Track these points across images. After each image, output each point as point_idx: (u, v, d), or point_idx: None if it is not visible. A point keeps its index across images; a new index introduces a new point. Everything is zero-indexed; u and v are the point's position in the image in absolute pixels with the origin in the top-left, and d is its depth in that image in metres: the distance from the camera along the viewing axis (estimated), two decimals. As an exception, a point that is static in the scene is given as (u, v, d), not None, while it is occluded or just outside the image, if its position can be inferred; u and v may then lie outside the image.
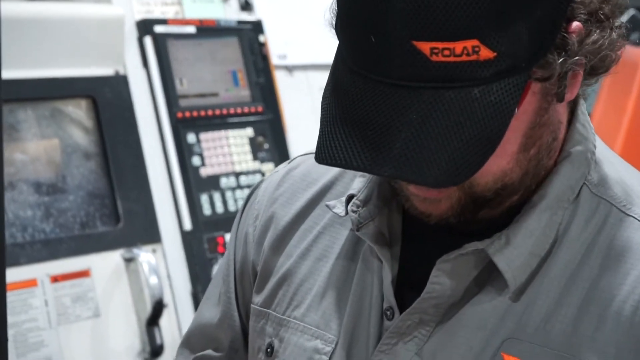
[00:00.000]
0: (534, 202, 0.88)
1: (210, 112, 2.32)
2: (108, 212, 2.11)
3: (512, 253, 0.86)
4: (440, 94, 0.77)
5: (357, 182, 0.96)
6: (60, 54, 2.10)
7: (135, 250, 2.06)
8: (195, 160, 2.26)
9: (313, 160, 1.06)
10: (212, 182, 2.27)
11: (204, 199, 2.24)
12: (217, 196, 2.25)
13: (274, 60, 2.50)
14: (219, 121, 2.33)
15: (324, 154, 0.81)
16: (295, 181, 1.06)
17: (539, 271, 0.87)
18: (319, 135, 0.82)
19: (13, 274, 1.90)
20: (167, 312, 2.08)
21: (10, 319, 1.85)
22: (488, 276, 0.88)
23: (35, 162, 2.05)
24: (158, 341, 2.04)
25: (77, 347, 1.96)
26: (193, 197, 2.22)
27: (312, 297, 0.99)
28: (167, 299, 2.09)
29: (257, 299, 1.04)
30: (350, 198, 0.95)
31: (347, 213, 0.95)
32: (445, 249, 0.88)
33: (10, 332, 1.87)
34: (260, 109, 2.40)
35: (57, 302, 1.95)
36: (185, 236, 2.19)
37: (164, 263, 2.13)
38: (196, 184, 2.24)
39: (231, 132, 2.34)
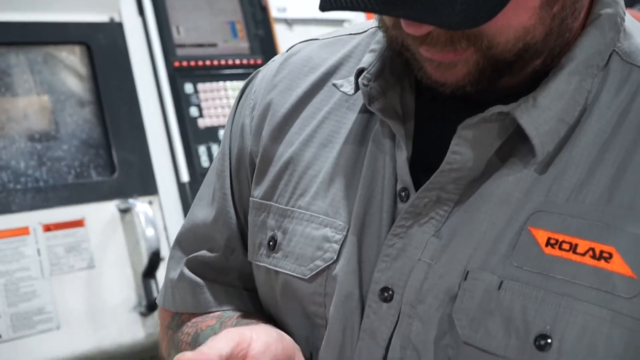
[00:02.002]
0: (562, 64, 0.80)
1: (208, 63, 2.25)
2: (103, 162, 2.05)
3: (540, 116, 0.79)
4: None
5: (367, 56, 0.88)
6: (53, -3, 2.03)
7: (131, 201, 2.00)
8: (193, 111, 2.19)
9: (314, 46, 0.99)
10: (210, 134, 2.20)
11: (202, 150, 2.17)
12: (214, 148, 2.19)
13: (274, 12, 2.43)
14: (217, 72, 2.27)
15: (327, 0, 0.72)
16: (295, 67, 0.98)
17: (567, 141, 0.80)
18: None
19: (4, 222, 1.84)
20: (164, 264, 2.01)
21: (1, 267, 1.79)
22: (512, 149, 0.81)
23: (28, 108, 1.97)
24: (154, 294, 1.97)
25: (71, 299, 1.89)
26: (190, 148, 2.15)
27: (318, 184, 0.91)
28: (164, 252, 2.02)
29: (257, 192, 0.96)
30: (360, 72, 0.87)
31: (356, 91, 0.87)
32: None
33: (1, 281, 1.81)
34: (259, 61, 2.33)
35: (49, 251, 1.88)
36: (182, 188, 2.12)
37: (161, 215, 2.06)
38: (194, 135, 2.17)
39: (229, 84, 2.27)
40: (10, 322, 1.80)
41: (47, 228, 1.89)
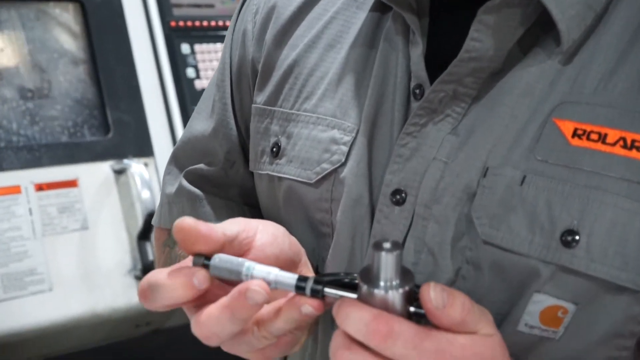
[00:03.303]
0: None
1: (205, 23, 2.20)
2: (97, 122, 1.99)
3: (566, 0, 0.72)
4: None
5: None
6: (46, -47, 1.98)
7: (126, 162, 1.94)
8: (190, 72, 2.13)
9: None
10: (208, 96, 2.15)
11: (199, 112, 2.12)
12: (212, 110, 2.14)
13: (273, -25, 2.38)
14: (215, 33, 2.21)
15: None
16: None
17: (594, 30, 0.73)
18: None
19: (-6, 179, 1.79)
20: (160, 227, 1.96)
21: (-9, 226, 1.74)
22: (535, 40, 0.75)
23: (20, 65, 1.92)
24: (150, 257, 1.92)
25: (64, 260, 1.84)
26: (187, 110, 2.09)
27: (325, 85, 0.85)
28: (160, 215, 1.97)
29: (260, 98, 0.91)
30: None
31: None
32: None
33: (-8, 240, 1.76)
34: (257, 23, 2.28)
35: (42, 211, 1.82)
36: (179, 150, 2.07)
37: (156, 178, 2.01)
38: (190, 96, 2.11)
39: (227, 46, 2.22)
40: (0, 282, 1.74)
41: (40, 187, 1.83)
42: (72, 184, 1.88)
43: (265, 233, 0.74)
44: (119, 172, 1.95)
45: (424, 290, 0.63)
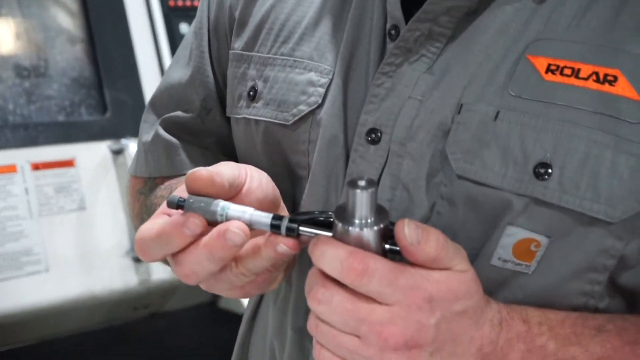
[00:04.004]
0: None
1: (204, 3, 2.17)
2: (94, 101, 1.96)
3: None
4: None
5: None
6: None
7: (124, 141, 1.91)
8: (189, 52, 2.11)
9: None
10: (207, 76, 2.12)
11: (198, 92, 2.09)
12: (211, 90, 2.11)
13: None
14: (214, 13, 2.18)
15: None
16: None
17: None
18: None
19: (-10, 158, 1.76)
20: (158, 209, 1.94)
21: (-13, 204, 1.71)
22: None
23: (16, 43, 1.89)
24: (148, 239, 1.90)
25: (60, 241, 1.81)
26: (186, 90, 2.07)
27: (302, 29, 0.86)
28: (158, 196, 1.94)
29: (237, 44, 0.91)
30: None
31: None
32: None
33: (-13, 219, 1.73)
34: (258, 4, 2.25)
35: (38, 191, 1.80)
36: (178, 131, 2.04)
37: (155, 158, 1.98)
38: (189, 76, 2.09)
39: (227, 26, 2.19)
40: (-4, 262, 1.72)
41: (36, 167, 1.81)
42: (69, 163, 1.85)
43: (252, 177, 0.74)
44: (117, 152, 1.92)
45: (399, 227, 0.65)
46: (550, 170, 0.70)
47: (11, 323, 1.75)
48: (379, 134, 0.78)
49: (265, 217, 0.69)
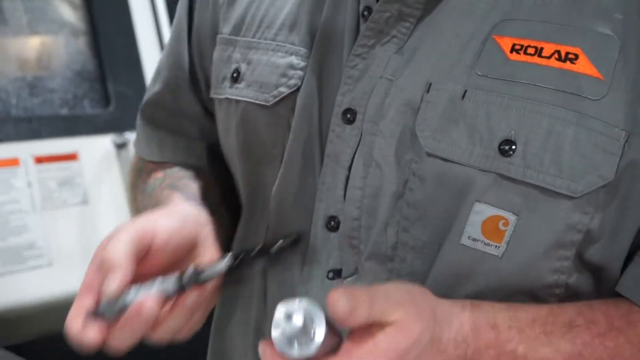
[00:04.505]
0: None
1: (208, -5, 2.15)
2: (97, 94, 1.95)
3: None
4: None
5: None
6: None
7: (128, 135, 1.90)
8: (192, 45, 2.09)
9: None
10: (210, 69, 2.11)
11: (201, 85, 2.08)
12: (215, 84, 2.10)
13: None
14: (218, 6, 2.17)
15: None
16: None
17: None
18: None
19: (-8, 151, 1.75)
20: (162, 203, 1.93)
21: (-11, 198, 1.70)
22: None
23: (18, 35, 1.87)
24: (151, 233, 1.89)
25: (63, 235, 1.80)
26: (190, 83, 2.05)
27: (285, 14, 0.90)
28: (161, 190, 1.93)
29: (226, 28, 0.95)
30: None
31: None
32: None
33: (-10, 213, 1.72)
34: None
35: (41, 184, 1.78)
36: (181, 124, 2.03)
37: (158, 152, 1.97)
38: (193, 69, 2.07)
39: (231, 19, 2.18)
40: (-1, 256, 1.71)
41: (39, 160, 1.79)
42: (72, 157, 1.84)
43: (162, 233, 0.80)
44: (120, 146, 1.91)
45: (333, 300, 0.67)
46: (514, 147, 0.73)
47: (13, 318, 1.74)
48: (354, 114, 0.81)
49: (171, 284, 0.77)
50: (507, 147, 0.73)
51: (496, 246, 0.75)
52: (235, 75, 0.91)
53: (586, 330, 0.74)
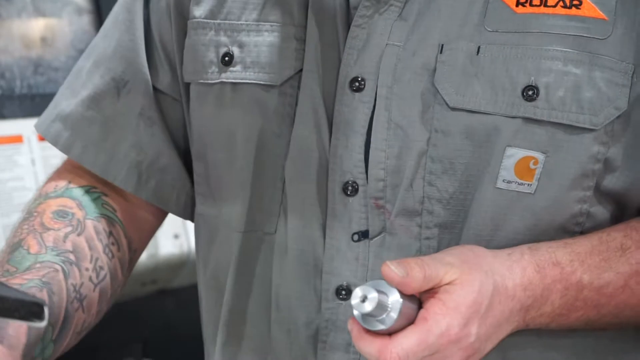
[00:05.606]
0: None
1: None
2: (102, 73, 1.94)
3: None
4: None
5: None
6: None
7: (132, 114, 1.89)
8: (198, 25, 2.08)
9: None
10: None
11: (207, 65, 2.07)
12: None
13: None
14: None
15: None
16: None
17: None
18: None
19: (-4, 128, 1.74)
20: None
21: (-7, 175, 1.70)
22: None
23: (22, 13, 1.87)
24: (156, 212, 1.87)
25: (67, 213, 1.79)
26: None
27: None
28: (166, 170, 1.92)
29: (199, 12, 0.93)
30: None
31: None
32: None
33: (-7, 189, 1.71)
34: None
35: (45, 162, 1.78)
36: (186, 104, 2.02)
37: (163, 131, 1.96)
38: (198, 49, 2.06)
39: None
40: (2, 232, 1.70)
41: (42, 137, 1.78)
42: (76, 135, 1.83)
43: None
44: (125, 125, 1.90)
45: (386, 270, 0.72)
46: (537, 91, 0.79)
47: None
48: (362, 82, 0.84)
49: None
50: (530, 93, 0.79)
51: (528, 184, 0.81)
52: (226, 58, 0.91)
53: (637, 250, 0.81)
